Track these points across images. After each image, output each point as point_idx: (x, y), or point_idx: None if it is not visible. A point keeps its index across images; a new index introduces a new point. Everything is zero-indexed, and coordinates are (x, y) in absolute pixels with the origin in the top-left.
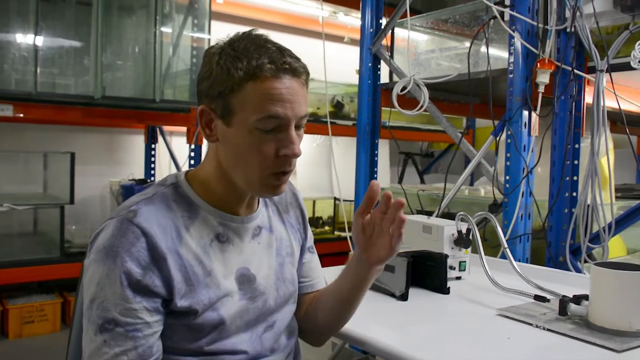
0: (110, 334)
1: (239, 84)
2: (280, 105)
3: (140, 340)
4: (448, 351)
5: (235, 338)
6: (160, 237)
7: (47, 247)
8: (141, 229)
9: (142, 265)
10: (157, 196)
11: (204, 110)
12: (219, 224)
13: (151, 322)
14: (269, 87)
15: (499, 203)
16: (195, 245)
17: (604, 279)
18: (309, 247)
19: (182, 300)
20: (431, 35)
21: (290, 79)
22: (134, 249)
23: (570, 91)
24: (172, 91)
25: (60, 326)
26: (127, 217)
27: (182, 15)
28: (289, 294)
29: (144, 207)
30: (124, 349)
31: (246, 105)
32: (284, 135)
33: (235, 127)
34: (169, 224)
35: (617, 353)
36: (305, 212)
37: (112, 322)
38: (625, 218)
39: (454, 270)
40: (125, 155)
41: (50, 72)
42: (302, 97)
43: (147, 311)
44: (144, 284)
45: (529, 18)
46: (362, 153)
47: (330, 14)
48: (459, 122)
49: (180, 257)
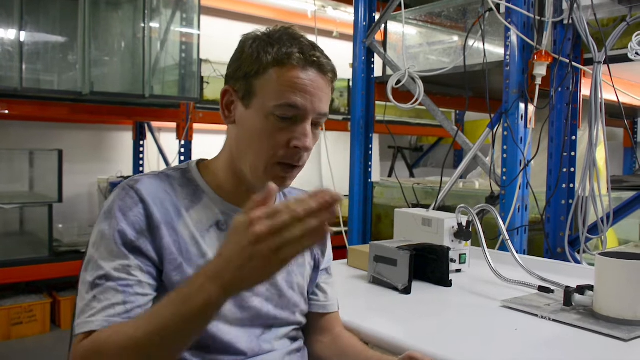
0: (101, 289)
1: (265, 68)
2: (301, 96)
3: (130, 297)
4: (456, 344)
5: (230, 335)
6: (159, 208)
7: (35, 246)
8: (140, 196)
9: (136, 230)
10: (163, 175)
11: (227, 90)
12: (221, 212)
13: (144, 282)
14: (293, 75)
15: (496, 195)
16: (192, 226)
17: (610, 269)
18: (326, 268)
19: (172, 273)
20: (421, 29)
21: (316, 73)
22: (130, 213)
23: (567, 83)
24: (160, 87)
25: (50, 327)
26: (129, 184)
27: (170, 10)
28: (293, 304)
29: (148, 179)
30: (112, 302)
31: (268, 90)
32: (298, 127)
33: (254, 110)
34: (168, 200)
35: (625, 342)
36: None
37: (104, 277)
38: (623, 209)
39: (455, 263)
40: (113, 153)
41: (35, 68)
42: (325, 94)
43: (141, 271)
44: (137, 245)
45: (525, 10)
46: (356, 147)
47: (319, 8)
48: (447, 116)
49: (176, 233)
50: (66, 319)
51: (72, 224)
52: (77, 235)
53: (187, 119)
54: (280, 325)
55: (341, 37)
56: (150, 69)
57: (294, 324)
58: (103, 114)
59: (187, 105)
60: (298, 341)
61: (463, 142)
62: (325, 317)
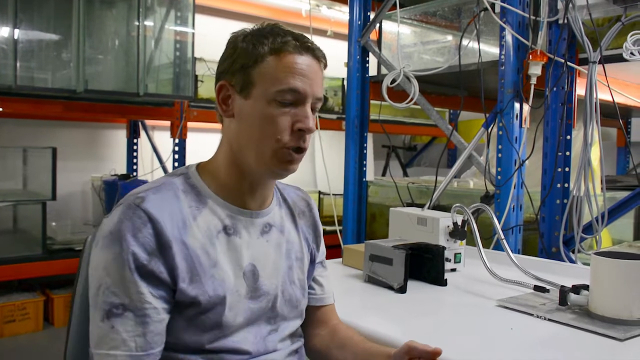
0: (119, 319)
1: (263, 57)
2: (300, 80)
3: (149, 327)
4: (453, 343)
5: (237, 337)
6: (167, 224)
7: (29, 244)
8: (148, 215)
9: (147, 251)
10: (165, 185)
11: (223, 85)
12: (227, 216)
13: (159, 308)
14: (291, 61)
15: (490, 195)
16: (201, 235)
17: (605, 269)
18: (321, 261)
19: (186, 291)
20: (416, 29)
21: (311, 58)
22: (140, 235)
23: (562, 83)
24: (155, 85)
25: (43, 325)
26: (135, 202)
27: (164, 8)
28: (297, 301)
29: (152, 194)
30: (133, 334)
31: (267, 77)
32: (300, 110)
33: (254, 99)
34: (175, 213)
35: (620, 342)
36: (320, 226)
37: (120, 306)
38: (617, 208)
39: (450, 262)
40: (107, 151)
41: (29, 65)
42: (320, 79)
43: (154, 297)
44: (149, 268)
45: (520, 10)
46: (351, 146)
47: (314, 7)
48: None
49: (186, 247)
50: (59, 317)
51: (65, 221)
52: (71, 233)
53: (181, 117)
54: (285, 321)
55: (335, 36)
56: (144, 67)
57: (297, 319)
58: (97, 112)
59: (182, 103)
60: (298, 341)
61: (458, 141)
62: (322, 310)
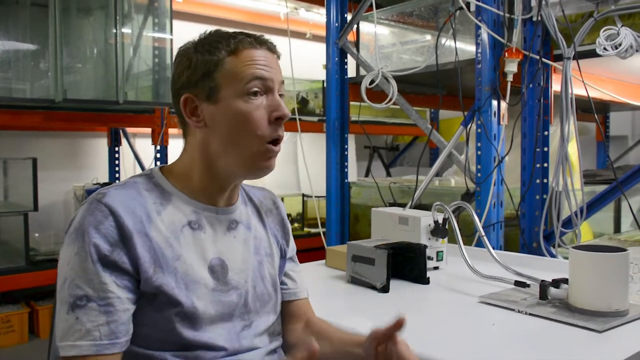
0: (83, 310)
1: (222, 60)
2: (263, 68)
3: (113, 316)
4: (435, 340)
5: (210, 332)
6: (129, 217)
7: (11, 256)
8: (109, 208)
9: (110, 242)
10: (128, 184)
11: (188, 97)
12: (191, 212)
13: (123, 297)
14: (250, 54)
15: (471, 192)
16: (165, 229)
17: (583, 262)
18: (291, 257)
19: (150, 280)
20: (393, 29)
21: (267, 51)
22: (102, 227)
23: (537, 79)
24: (134, 92)
25: (28, 337)
26: (97, 198)
27: (142, 15)
28: (268, 296)
29: (114, 190)
30: (96, 324)
31: (231, 76)
32: (271, 100)
33: (224, 101)
34: (138, 207)
35: (599, 333)
36: (287, 222)
37: (84, 297)
38: (596, 202)
39: (432, 261)
40: (89, 160)
41: (7, 76)
42: (279, 68)
43: (117, 286)
44: (112, 259)
45: (495, 8)
46: (332, 148)
47: (292, 10)
48: (422, 115)
49: (150, 240)
50: (45, 329)
51: (48, 232)
52: (54, 244)
53: (162, 124)
54: (258, 315)
55: (314, 39)
56: (123, 74)
57: (270, 314)
58: (77, 120)
59: (162, 110)
60: (276, 340)
61: (437, 140)
62: (295, 303)
